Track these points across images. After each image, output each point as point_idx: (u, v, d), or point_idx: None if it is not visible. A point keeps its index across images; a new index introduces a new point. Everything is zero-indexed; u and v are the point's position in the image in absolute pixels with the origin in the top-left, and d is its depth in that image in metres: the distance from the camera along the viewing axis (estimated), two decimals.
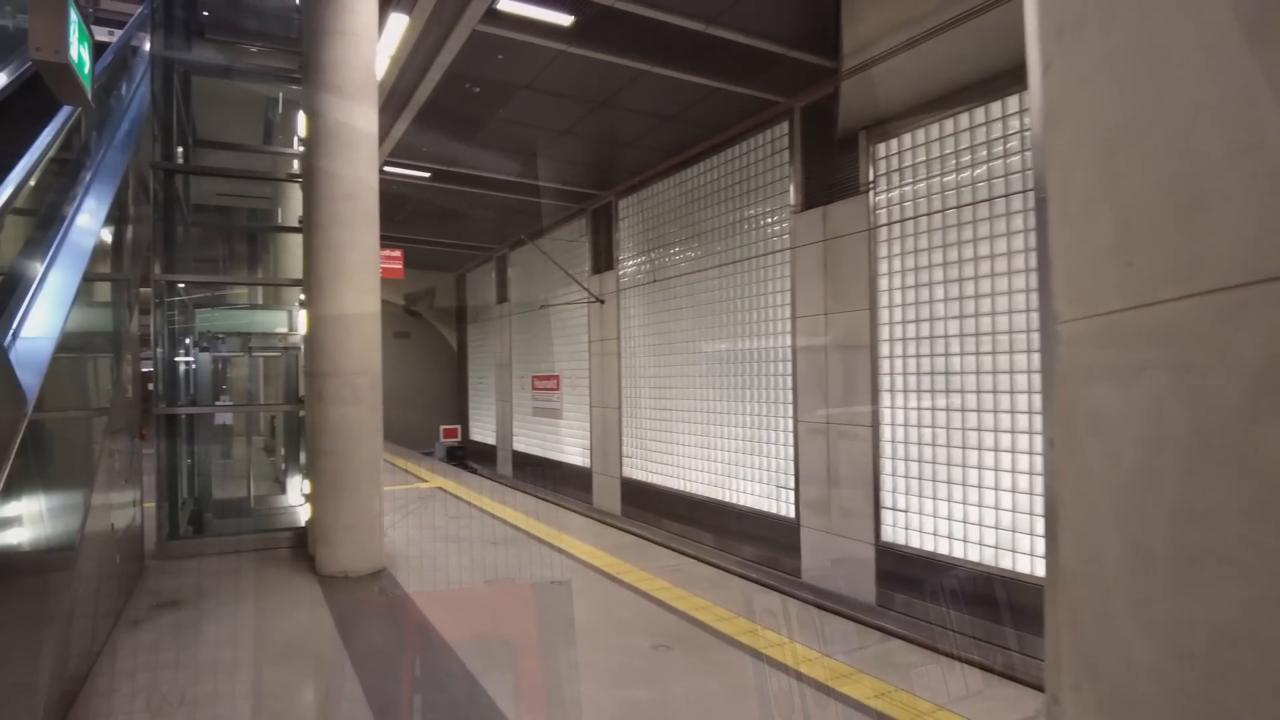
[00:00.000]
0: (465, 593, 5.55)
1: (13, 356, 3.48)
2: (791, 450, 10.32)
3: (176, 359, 7.98)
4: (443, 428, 22.35)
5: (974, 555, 7.98)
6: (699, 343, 12.37)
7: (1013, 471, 7.55)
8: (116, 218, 5.99)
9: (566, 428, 17.52)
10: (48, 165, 6.03)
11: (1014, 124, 7.53)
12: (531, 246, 17.73)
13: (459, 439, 22.69)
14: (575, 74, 9.49)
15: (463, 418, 25.53)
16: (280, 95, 9.96)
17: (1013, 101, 7.52)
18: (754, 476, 11.20)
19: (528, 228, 17.72)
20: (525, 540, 7.27)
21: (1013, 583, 7.43)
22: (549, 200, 15.35)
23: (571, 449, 17.29)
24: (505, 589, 5.61)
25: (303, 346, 6.84)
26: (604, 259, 15.30)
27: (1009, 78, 7.38)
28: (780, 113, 10.38)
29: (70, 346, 4.11)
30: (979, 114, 7.86)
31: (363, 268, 6.39)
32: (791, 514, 10.36)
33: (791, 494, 10.35)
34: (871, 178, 9.06)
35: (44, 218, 4.80)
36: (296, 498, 8.89)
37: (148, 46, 7.46)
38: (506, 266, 21.16)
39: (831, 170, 9.58)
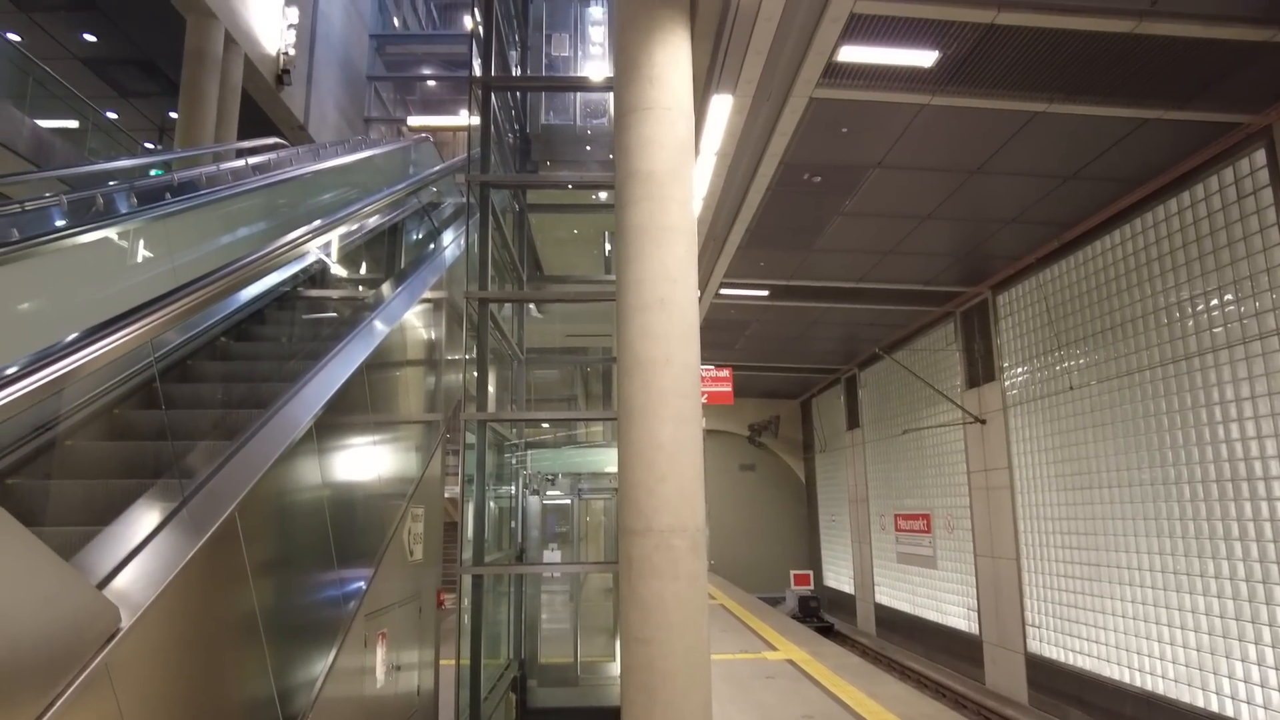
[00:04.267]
0: None
1: (179, 518, 2.38)
2: None
3: (496, 505, 7.18)
4: (793, 574, 20.17)
5: None
6: (1140, 471, 8.98)
7: None
8: (413, 351, 5.28)
9: (944, 581, 14.32)
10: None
11: None
12: (886, 362, 15.51)
13: (811, 587, 20.25)
14: (939, 137, 7.57)
15: (814, 561, 23.11)
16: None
17: None
18: (1268, 679, 7.35)
19: (880, 341, 15.60)
20: None
21: None
22: (906, 306, 13.18)
23: (952, 608, 13.99)
24: None
25: None
26: (982, 369, 12.51)
27: None
28: (1249, 138, 7.32)
29: (301, 507, 3.03)
30: None
31: (680, 391, 4.89)
32: None
33: None
34: None
35: (311, 349, 4.03)
36: None
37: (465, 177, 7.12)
38: (857, 388, 19.00)
39: None
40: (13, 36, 13.56)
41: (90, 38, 15.01)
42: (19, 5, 13.82)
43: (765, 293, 12.82)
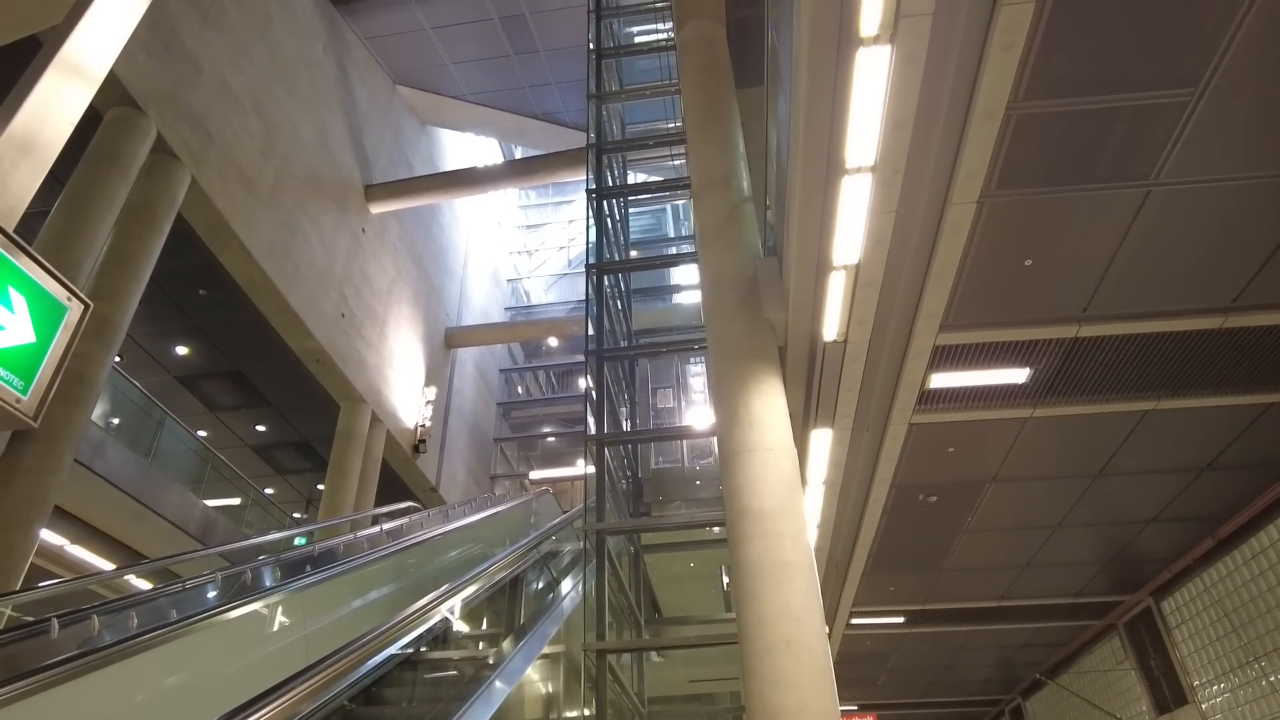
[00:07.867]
0: None
1: None
2: None
3: None
4: None
5: None
6: None
7: None
8: (531, 711, 5.14)
9: None
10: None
11: None
12: (1052, 688, 13.71)
13: None
14: (1051, 445, 7.49)
15: None
16: None
17: None
18: None
19: (1040, 664, 13.95)
20: None
21: None
22: (1060, 622, 11.97)
23: None
24: None
25: None
26: (1169, 690, 10.86)
27: None
28: None
29: None
30: None
31: None
32: None
33: None
34: None
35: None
36: None
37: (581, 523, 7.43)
38: None
39: None
40: (201, 432, 15.84)
41: (261, 428, 17.36)
42: (210, 407, 16.35)
43: (900, 619, 11.96)
